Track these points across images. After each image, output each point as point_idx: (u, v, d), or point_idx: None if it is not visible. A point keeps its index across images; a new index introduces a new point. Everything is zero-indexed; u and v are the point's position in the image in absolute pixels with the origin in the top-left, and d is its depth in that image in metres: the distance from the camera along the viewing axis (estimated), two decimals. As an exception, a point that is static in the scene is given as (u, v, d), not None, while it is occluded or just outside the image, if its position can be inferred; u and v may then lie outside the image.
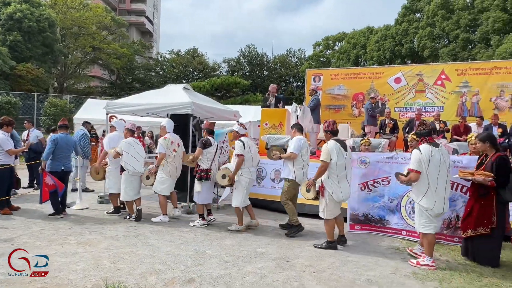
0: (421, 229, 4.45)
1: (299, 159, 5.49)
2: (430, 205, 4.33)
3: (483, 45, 23.40)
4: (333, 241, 4.98)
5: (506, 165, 4.34)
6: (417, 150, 4.41)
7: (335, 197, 4.83)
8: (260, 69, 40.94)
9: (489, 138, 4.55)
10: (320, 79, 12.82)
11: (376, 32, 32.46)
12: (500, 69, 10.69)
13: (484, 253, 4.50)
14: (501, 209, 4.40)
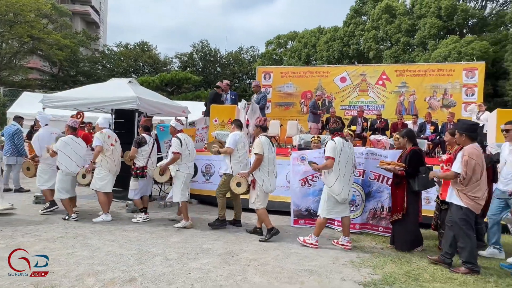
0: (324, 214, 4.90)
1: (235, 153, 5.59)
2: (339, 190, 4.78)
3: (421, 48, 25.14)
4: (273, 227, 5.16)
5: (417, 158, 4.78)
6: (332, 141, 4.89)
7: (265, 188, 5.15)
8: (213, 65, 40.54)
9: (407, 134, 5.05)
10: (270, 76, 13.01)
11: (326, 32, 33.53)
12: (433, 71, 11.59)
13: (398, 237, 4.98)
14: (412, 197, 4.84)
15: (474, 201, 4.04)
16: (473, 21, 25.27)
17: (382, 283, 3.74)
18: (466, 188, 4.06)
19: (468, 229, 4.11)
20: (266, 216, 5.23)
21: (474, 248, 4.11)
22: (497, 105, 17.28)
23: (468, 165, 4.00)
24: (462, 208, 4.09)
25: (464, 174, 4.02)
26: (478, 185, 4.05)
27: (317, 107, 10.22)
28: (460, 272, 4.05)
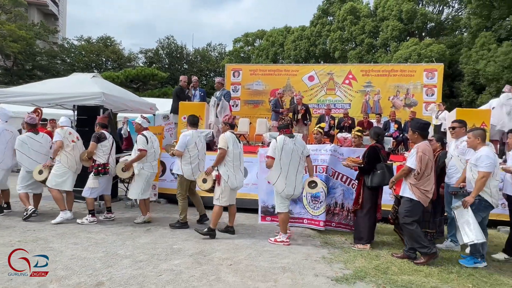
0: (278, 209, 5.05)
1: (186, 154, 5.52)
2: (281, 187, 4.91)
3: (383, 50, 26.10)
4: (214, 230, 5.14)
5: (374, 155, 4.86)
6: (274, 140, 5.04)
7: (230, 184, 5.11)
8: (180, 62, 39.80)
9: (372, 131, 5.15)
10: (240, 74, 12.96)
11: (293, 32, 33.94)
12: (397, 72, 12.05)
13: (356, 231, 5.12)
14: (368, 193, 4.94)
15: (424, 194, 4.27)
16: (431, 25, 26.60)
17: (353, 277, 3.82)
18: (419, 182, 4.26)
19: (413, 221, 4.31)
20: (218, 217, 5.15)
21: (421, 234, 4.34)
22: (453, 105, 18.31)
23: (422, 160, 4.22)
24: (411, 201, 4.30)
25: (419, 169, 4.23)
26: (428, 179, 4.29)
27: (279, 106, 10.24)
28: (422, 263, 4.24)
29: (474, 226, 4.13)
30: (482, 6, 20.01)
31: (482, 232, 4.13)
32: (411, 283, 3.74)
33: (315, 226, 5.72)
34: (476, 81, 19.69)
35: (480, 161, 4.22)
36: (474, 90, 20.22)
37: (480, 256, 4.31)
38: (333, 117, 10.53)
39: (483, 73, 18.46)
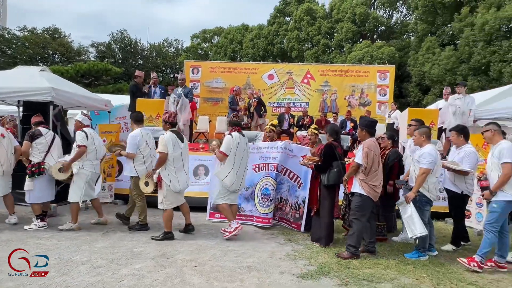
0: (217, 200, 5.17)
1: (138, 155, 5.34)
2: (231, 182, 5.04)
3: (338, 51, 27.02)
4: (170, 232, 5.02)
5: (330, 153, 4.86)
6: (230, 136, 5.08)
7: (173, 187, 4.93)
8: (134, 57, 38.30)
9: (329, 129, 5.15)
10: (199, 71, 12.75)
11: (251, 30, 34.04)
12: (352, 72, 12.53)
13: (314, 230, 5.13)
14: (325, 191, 4.93)
15: (373, 189, 4.38)
16: (382, 28, 27.96)
17: (318, 273, 3.90)
18: (367, 177, 4.38)
19: (362, 216, 4.43)
20: (170, 219, 5.01)
21: (361, 234, 4.48)
22: (402, 104, 19.36)
23: (368, 156, 4.35)
24: (361, 196, 4.41)
25: (365, 164, 4.36)
26: (376, 175, 4.41)
27: (236, 103, 10.22)
28: (343, 257, 4.36)
29: (417, 220, 4.35)
30: (427, 12, 21.39)
31: (424, 226, 4.35)
32: (372, 276, 3.89)
33: (264, 224, 5.70)
34: (422, 82, 21.01)
35: (422, 158, 4.45)
36: (420, 91, 21.56)
37: (423, 249, 4.54)
38: (293, 116, 10.70)
39: (428, 75, 19.74)
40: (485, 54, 16.69)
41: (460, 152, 4.90)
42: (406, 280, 3.84)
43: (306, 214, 5.54)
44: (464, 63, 18.07)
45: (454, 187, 4.89)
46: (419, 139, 4.68)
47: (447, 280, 3.87)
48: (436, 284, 3.76)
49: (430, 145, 4.62)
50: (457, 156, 4.90)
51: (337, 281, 3.74)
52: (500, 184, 4.08)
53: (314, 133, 5.67)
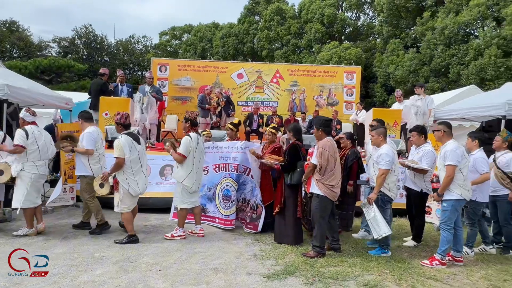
0: (181, 205, 5.06)
1: (95, 153, 5.16)
2: (190, 184, 4.98)
3: (308, 51, 27.42)
4: (134, 234, 4.90)
5: (294, 153, 4.88)
6: (188, 137, 4.97)
7: (132, 191, 4.81)
8: (100, 53, 36.95)
9: (292, 128, 5.11)
10: (167, 69, 12.46)
11: (221, 28, 33.81)
12: (320, 72, 12.72)
13: (278, 230, 5.09)
14: (289, 191, 4.96)
15: (330, 189, 4.40)
16: (349, 30, 28.64)
17: (284, 273, 3.91)
18: (323, 177, 4.40)
19: (322, 217, 4.46)
20: (130, 222, 4.88)
21: (324, 233, 4.55)
22: (368, 104, 19.96)
23: (323, 156, 4.37)
24: (319, 196, 4.44)
25: (320, 165, 4.39)
26: (333, 174, 4.42)
27: (206, 102, 10.11)
28: (310, 256, 4.40)
29: (381, 221, 4.48)
30: (392, 15, 22.15)
31: (388, 226, 4.50)
32: (337, 273, 3.95)
33: (226, 226, 5.62)
34: (387, 83, 21.74)
35: (380, 159, 4.57)
36: (385, 92, 22.30)
37: (386, 246, 4.68)
38: (261, 116, 10.71)
39: (393, 76, 20.45)
40: (445, 57, 17.51)
41: (419, 151, 5.07)
42: (370, 276, 3.93)
43: (264, 215, 5.45)
44: (426, 65, 18.87)
45: (414, 185, 5.06)
46: (377, 139, 4.80)
47: (408, 275, 4.00)
48: (398, 280, 3.87)
49: (387, 145, 4.75)
50: (416, 156, 5.08)
51: (303, 280, 3.76)
52: (445, 186, 4.28)
53: (271, 132, 5.53)
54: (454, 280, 3.96)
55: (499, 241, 5.15)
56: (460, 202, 4.33)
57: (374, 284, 3.72)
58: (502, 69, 14.79)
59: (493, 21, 16.50)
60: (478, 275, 4.13)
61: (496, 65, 14.90)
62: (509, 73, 14.75)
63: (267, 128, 5.72)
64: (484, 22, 16.78)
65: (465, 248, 4.86)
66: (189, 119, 5.16)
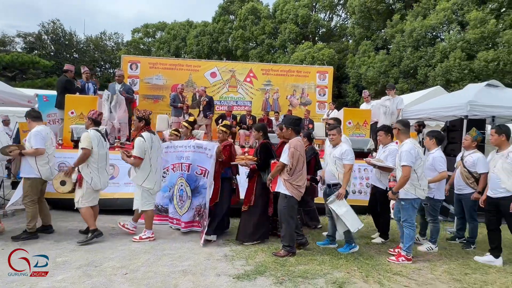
0: (144, 207, 4.94)
1: (44, 153, 4.91)
2: (151, 185, 4.91)
3: (282, 51, 27.62)
4: (96, 229, 4.81)
5: (266, 152, 4.88)
6: (141, 137, 4.84)
7: (94, 185, 4.78)
8: (69, 50, 35.64)
9: (261, 128, 5.10)
10: (138, 67, 12.15)
11: (196, 27, 33.45)
12: (293, 72, 12.81)
13: (243, 229, 4.97)
14: (260, 190, 4.91)
15: (297, 189, 4.40)
16: (323, 31, 29.09)
17: (254, 273, 3.89)
18: (292, 177, 4.38)
19: (290, 216, 4.45)
20: (91, 216, 4.79)
21: (293, 233, 4.53)
22: (341, 104, 20.35)
23: (294, 156, 4.36)
24: (286, 197, 4.41)
25: (291, 165, 4.36)
26: (301, 175, 4.44)
27: (178, 101, 9.96)
28: (281, 256, 4.39)
29: (352, 215, 4.54)
30: (363, 17, 22.67)
31: (358, 219, 4.58)
32: (307, 272, 3.97)
33: (179, 226, 5.43)
34: (359, 83, 22.24)
35: (345, 155, 4.64)
36: (357, 92, 22.81)
37: (352, 240, 4.77)
38: (235, 116, 10.62)
39: (364, 76, 20.94)
40: (413, 59, 18.11)
41: (385, 150, 5.19)
42: (339, 274, 3.98)
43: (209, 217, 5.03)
44: (395, 67, 19.44)
45: (380, 183, 5.18)
46: (337, 138, 4.84)
47: (376, 272, 4.08)
48: (365, 276, 3.94)
49: (346, 143, 4.85)
50: (382, 154, 5.19)
51: (273, 279, 3.76)
52: (400, 185, 4.39)
53: (222, 131, 5.32)
54: (419, 275, 4.08)
55: (462, 236, 5.36)
56: (416, 200, 4.48)
57: (343, 281, 3.77)
58: (466, 71, 15.46)
59: (458, 25, 17.22)
60: (441, 269, 4.27)
61: (460, 67, 15.57)
62: (472, 75, 15.44)
63: (219, 125, 5.44)
64: (450, 26, 17.49)
65: (429, 244, 5.04)
66: (143, 118, 5.00)
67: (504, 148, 4.45)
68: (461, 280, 3.96)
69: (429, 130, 6.75)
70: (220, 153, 5.03)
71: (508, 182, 4.32)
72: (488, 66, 14.88)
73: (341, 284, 3.70)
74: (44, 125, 5.12)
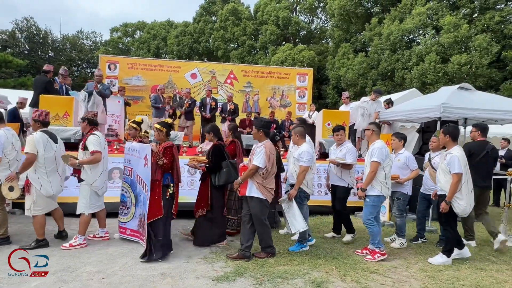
0: (90, 209, 4.70)
1: (3, 159, 4.62)
2: (100, 185, 4.73)
3: (263, 52, 27.76)
4: (43, 239, 4.63)
5: (218, 153, 4.74)
6: (94, 135, 4.68)
7: (44, 192, 4.53)
8: (44, 49, 34.63)
9: (211, 129, 4.92)
10: (116, 67, 11.97)
11: (176, 26, 33.17)
12: (274, 74, 12.90)
13: (201, 233, 4.88)
14: (216, 192, 4.83)
15: (270, 192, 4.36)
16: (303, 33, 29.41)
17: (234, 274, 3.89)
18: (265, 181, 4.30)
19: (265, 219, 4.42)
20: (42, 226, 4.59)
21: (269, 233, 4.49)
22: (321, 106, 20.64)
23: (270, 159, 4.29)
24: (262, 201, 4.32)
25: (267, 169, 4.28)
26: (272, 178, 4.41)
27: (160, 101, 9.87)
28: (261, 257, 4.40)
29: (299, 217, 4.60)
30: (343, 20, 23.07)
31: (305, 221, 4.66)
32: (286, 272, 4.01)
33: (122, 234, 5.09)
34: (339, 85, 22.62)
35: (301, 156, 4.69)
36: (337, 93, 23.19)
37: (304, 240, 4.85)
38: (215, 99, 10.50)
39: (343, 78, 21.31)
40: (391, 61, 18.57)
41: (342, 149, 5.31)
42: (317, 274, 4.04)
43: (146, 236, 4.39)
44: (373, 69, 19.88)
45: (341, 181, 5.24)
46: (295, 138, 4.92)
47: (353, 271, 4.16)
48: (343, 276, 4.01)
49: (306, 143, 4.86)
50: (340, 153, 5.29)
51: (252, 281, 3.77)
52: (369, 181, 4.53)
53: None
54: (395, 273, 4.19)
55: (423, 236, 5.53)
56: (380, 198, 4.59)
57: (321, 281, 3.82)
58: (440, 74, 15.98)
59: (433, 29, 17.78)
60: (416, 267, 4.40)
61: (435, 70, 16.07)
62: (446, 77, 15.97)
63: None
64: (425, 30, 18.03)
65: (401, 239, 5.20)
66: (86, 118, 4.82)
67: (449, 148, 4.59)
68: (434, 277, 4.09)
69: (406, 131, 6.93)
70: (159, 155, 4.34)
71: (442, 181, 4.50)
72: (461, 69, 15.44)
73: (320, 284, 3.76)
74: (7, 127, 4.80)
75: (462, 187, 4.41)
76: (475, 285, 3.91)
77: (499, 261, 4.72)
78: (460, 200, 4.42)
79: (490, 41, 15.62)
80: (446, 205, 4.42)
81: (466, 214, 4.52)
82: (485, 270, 4.35)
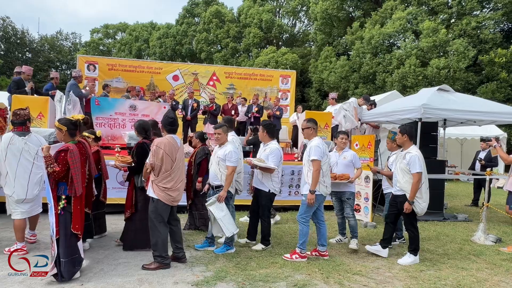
0: (13, 215, 4.39)
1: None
2: (10, 191, 4.33)
3: (246, 55, 27.72)
4: None
5: (142, 153, 4.47)
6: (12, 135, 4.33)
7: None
8: (21, 49, 33.61)
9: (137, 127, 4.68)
10: (96, 68, 11.67)
11: (159, 28, 32.79)
12: (257, 76, 12.87)
13: (127, 237, 4.69)
14: (140, 193, 4.57)
15: (164, 191, 3.99)
16: (286, 36, 29.56)
17: (214, 279, 3.77)
18: (158, 178, 4.01)
19: (159, 222, 4.04)
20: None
21: (165, 241, 4.07)
22: (304, 108, 20.69)
23: (156, 154, 3.96)
24: (154, 200, 4.04)
25: (154, 164, 3.98)
26: (169, 176, 4.01)
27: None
28: (150, 269, 3.98)
29: (229, 220, 4.46)
30: (325, 24, 23.28)
31: (235, 224, 4.55)
32: (268, 276, 3.92)
33: None
34: (321, 88, 22.78)
35: (228, 156, 4.52)
36: (320, 96, 23.35)
37: (232, 242, 4.72)
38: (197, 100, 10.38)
39: (326, 81, 21.48)
40: (372, 65, 18.83)
41: (266, 149, 4.92)
42: (300, 276, 3.96)
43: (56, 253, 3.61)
44: (355, 72, 20.12)
45: (262, 185, 4.85)
46: (223, 137, 4.70)
47: (336, 273, 4.11)
48: (326, 278, 3.96)
49: (231, 144, 4.69)
50: (263, 153, 4.91)
51: (233, 285, 3.66)
52: (315, 180, 4.31)
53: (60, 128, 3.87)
54: (378, 273, 4.16)
55: (401, 237, 5.52)
56: (317, 197, 4.41)
57: (304, 283, 3.75)
58: (420, 77, 16.29)
59: (412, 34, 18.14)
60: (399, 267, 4.39)
61: (415, 74, 16.38)
62: (426, 81, 16.30)
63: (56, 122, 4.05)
64: (405, 34, 18.39)
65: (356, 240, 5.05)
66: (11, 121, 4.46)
67: (406, 148, 4.61)
68: (417, 277, 4.09)
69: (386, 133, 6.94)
70: (49, 160, 3.55)
71: (402, 181, 4.52)
72: (440, 73, 15.79)
73: (302, 286, 3.68)
74: None
75: (422, 186, 4.44)
76: (456, 284, 3.92)
77: (479, 260, 4.77)
78: (420, 199, 4.45)
79: (467, 45, 16.05)
80: (409, 205, 4.42)
81: (424, 213, 4.58)
82: (466, 269, 4.38)
